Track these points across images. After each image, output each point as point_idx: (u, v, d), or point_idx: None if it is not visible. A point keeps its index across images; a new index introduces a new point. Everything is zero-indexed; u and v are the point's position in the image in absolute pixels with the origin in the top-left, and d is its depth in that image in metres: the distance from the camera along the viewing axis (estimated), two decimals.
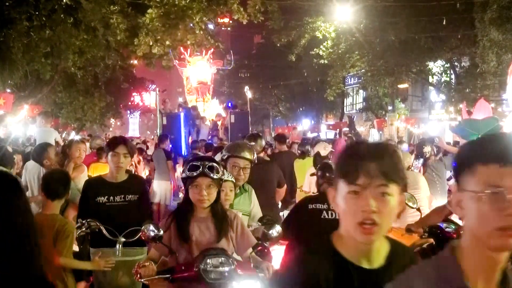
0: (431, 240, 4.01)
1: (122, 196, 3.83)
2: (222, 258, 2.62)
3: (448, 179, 6.48)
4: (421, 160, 6.13)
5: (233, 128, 14.26)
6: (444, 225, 3.92)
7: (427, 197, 4.78)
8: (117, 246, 3.56)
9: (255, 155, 3.91)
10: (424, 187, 4.76)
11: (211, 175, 2.70)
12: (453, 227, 3.94)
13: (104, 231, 3.60)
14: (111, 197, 3.81)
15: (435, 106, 28.10)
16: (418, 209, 4.15)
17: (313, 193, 5.16)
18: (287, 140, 9.24)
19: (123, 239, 3.59)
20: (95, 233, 3.68)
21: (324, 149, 6.28)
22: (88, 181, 4.09)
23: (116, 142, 3.89)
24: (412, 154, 7.84)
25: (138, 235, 3.49)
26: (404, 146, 9.99)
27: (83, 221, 3.58)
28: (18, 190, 1.43)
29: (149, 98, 30.73)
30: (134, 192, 3.90)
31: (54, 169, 4.50)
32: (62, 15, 11.96)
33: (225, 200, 3.31)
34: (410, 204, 4.13)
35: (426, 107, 30.04)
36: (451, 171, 6.97)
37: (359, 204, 1.40)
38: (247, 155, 3.75)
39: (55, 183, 3.62)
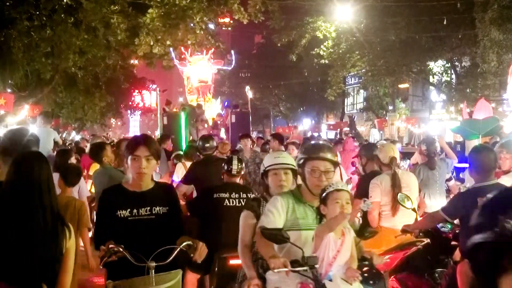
0: (427, 240, 4.03)
1: (148, 208, 3.08)
2: None
3: (448, 180, 6.47)
4: (408, 161, 6.17)
5: (233, 127, 14.27)
6: (440, 224, 3.93)
7: (416, 198, 4.80)
8: (151, 273, 2.84)
9: (339, 157, 3.48)
10: (414, 188, 4.77)
11: None
12: (450, 226, 3.95)
13: (129, 257, 2.82)
14: (135, 210, 3.06)
15: (435, 106, 28.11)
16: (414, 210, 4.17)
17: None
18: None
19: (154, 264, 2.84)
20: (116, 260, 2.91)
21: None
22: (105, 191, 3.27)
23: (136, 143, 3.08)
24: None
25: (172, 256, 2.91)
26: (397, 146, 10.00)
27: (105, 248, 2.82)
28: (43, 160, 2.80)
29: (149, 98, 30.73)
30: (163, 203, 3.13)
31: (69, 163, 5.39)
32: (62, 15, 11.97)
33: (343, 215, 2.78)
34: (405, 204, 4.16)
35: (426, 107, 30.05)
36: (452, 172, 7.00)
37: None
38: (328, 155, 3.02)
39: (71, 174, 4.67)
